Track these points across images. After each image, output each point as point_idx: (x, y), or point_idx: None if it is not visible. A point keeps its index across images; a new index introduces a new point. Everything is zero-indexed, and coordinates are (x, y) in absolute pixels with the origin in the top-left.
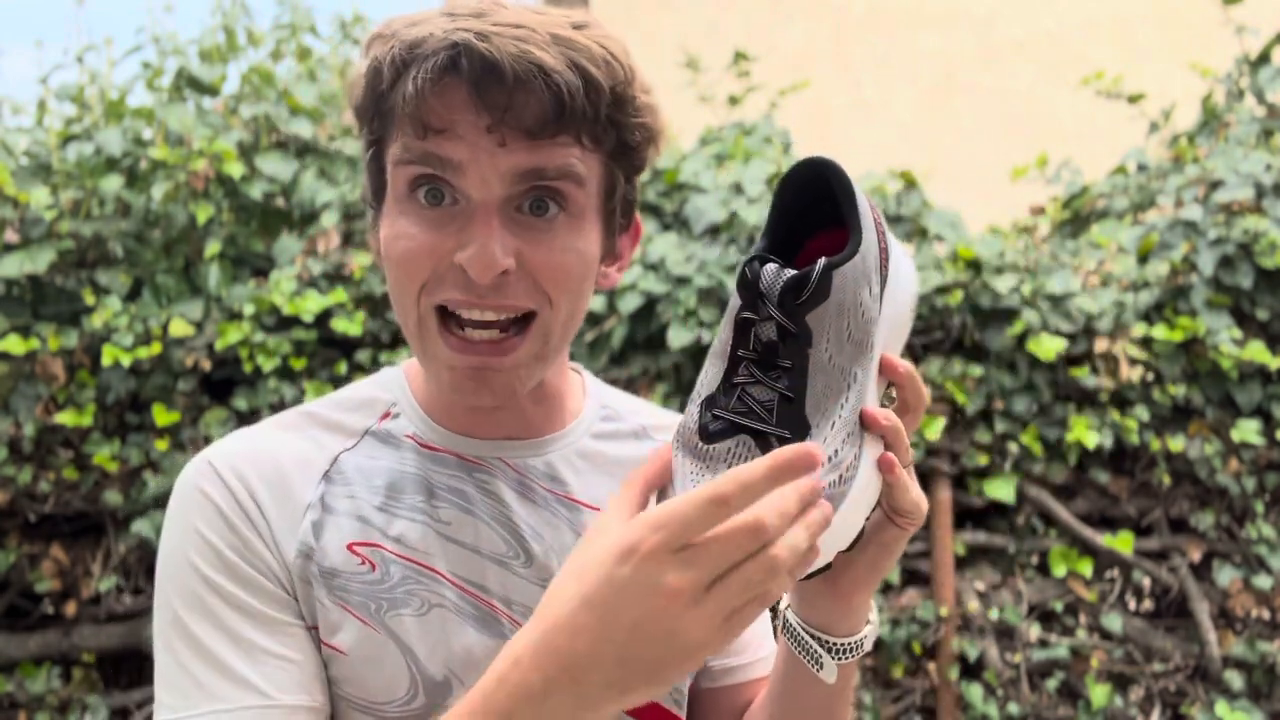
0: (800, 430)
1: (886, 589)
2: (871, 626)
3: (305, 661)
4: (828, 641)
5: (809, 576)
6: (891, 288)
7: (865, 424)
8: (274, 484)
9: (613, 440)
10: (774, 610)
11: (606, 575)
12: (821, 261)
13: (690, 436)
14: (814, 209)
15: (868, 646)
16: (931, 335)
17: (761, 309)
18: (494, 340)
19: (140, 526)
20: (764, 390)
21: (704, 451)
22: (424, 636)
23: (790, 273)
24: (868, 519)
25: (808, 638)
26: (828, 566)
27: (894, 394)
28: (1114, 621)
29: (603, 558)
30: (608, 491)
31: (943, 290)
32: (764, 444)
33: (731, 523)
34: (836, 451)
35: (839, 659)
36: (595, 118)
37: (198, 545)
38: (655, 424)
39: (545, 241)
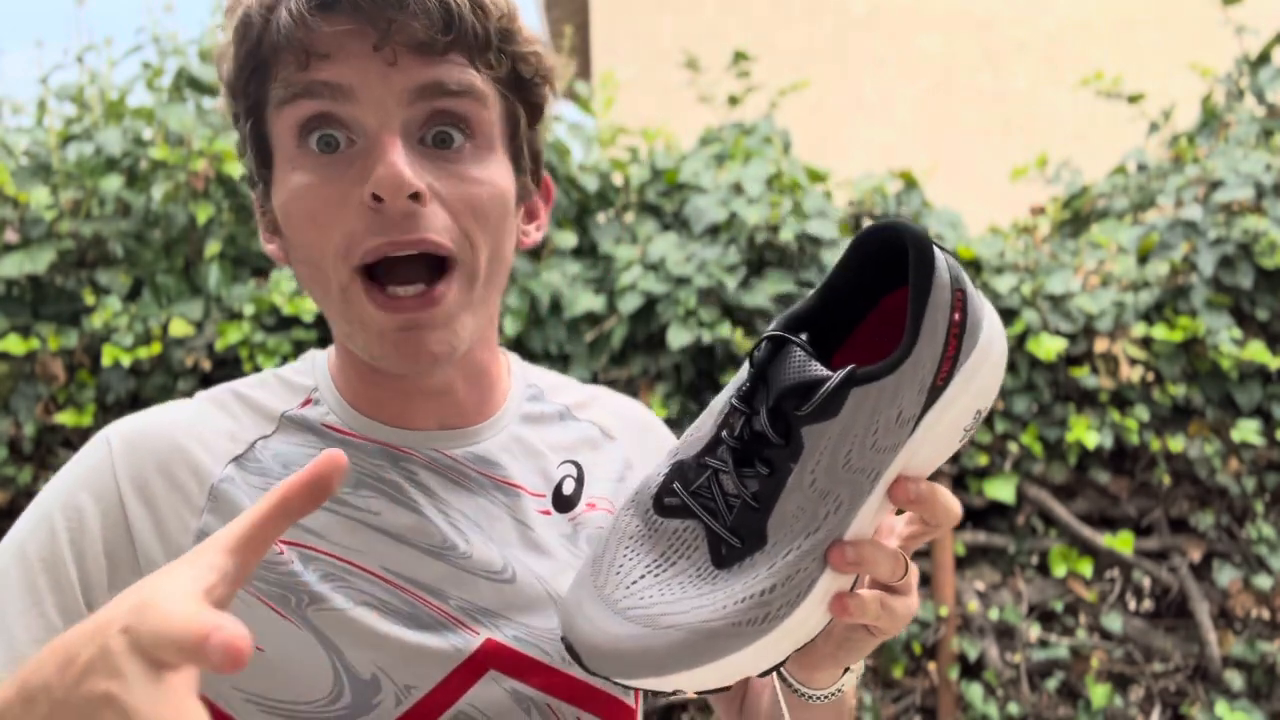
0: (755, 542)
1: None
2: (852, 675)
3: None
4: (798, 689)
5: (708, 692)
6: (942, 409)
7: (828, 559)
8: (171, 464)
9: (540, 423)
10: None
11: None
12: (840, 374)
13: (645, 498)
14: (895, 266)
15: (846, 688)
16: None
17: (758, 398)
18: (420, 294)
19: None
20: (733, 484)
21: (652, 521)
22: (350, 633)
23: (806, 370)
24: (798, 649)
25: (778, 678)
26: (727, 688)
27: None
28: (1114, 621)
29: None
30: (540, 475)
31: None
32: (713, 541)
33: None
34: (789, 578)
35: (811, 701)
36: (486, 40)
37: (56, 510)
38: (576, 401)
39: (455, 172)
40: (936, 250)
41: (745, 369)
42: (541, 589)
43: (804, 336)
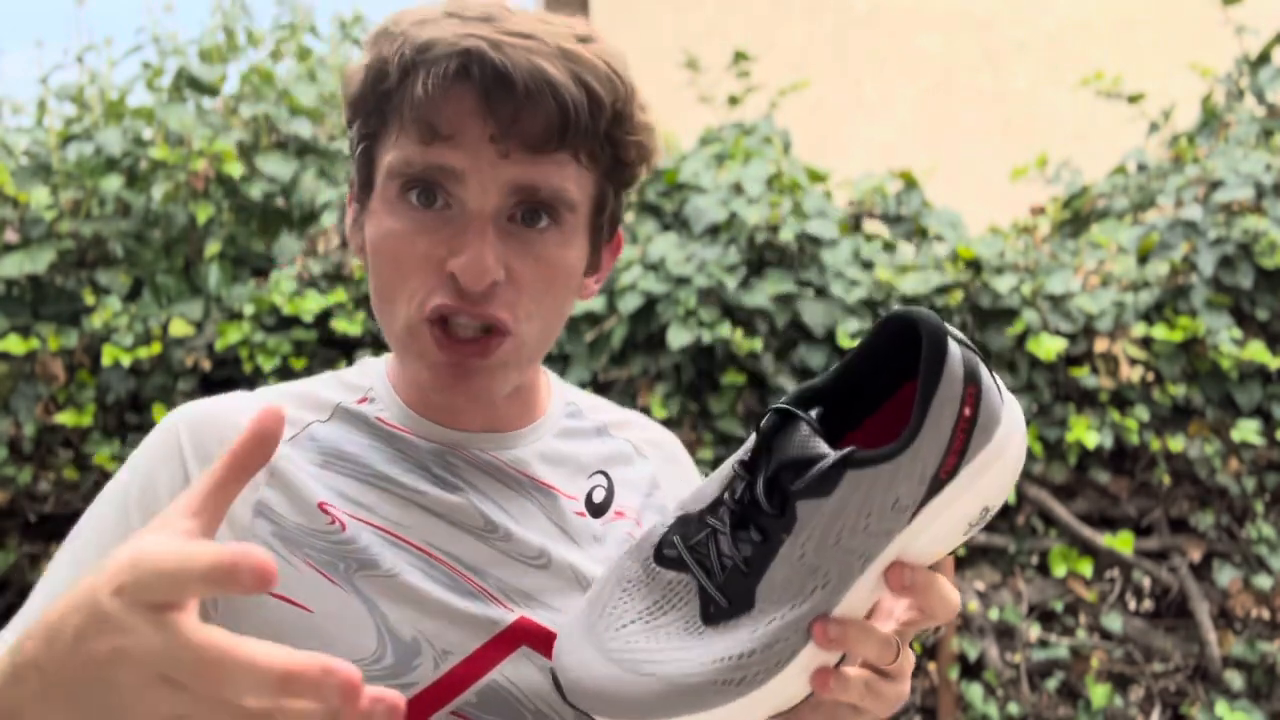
0: (742, 605)
1: None
2: None
3: None
4: None
5: None
6: (944, 503)
7: (811, 633)
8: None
9: (577, 437)
10: None
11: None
12: (838, 455)
13: (648, 546)
14: (915, 354)
15: None
16: None
17: (760, 467)
18: (476, 339)
19: None
20: (728, 545)
21: (651, 569)
22: (394, 596)
23: (807, 446)
24: (777, 714)
25: None
26: None
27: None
28: (1114, 621)
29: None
30: (574, 482)
31: (943, 290)
32: (704, 598)
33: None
34: (769, 645)
35: None
36: (595, 135)
37: (133, 487)
38: (613, 421)
39: (533, 253)
40: (951, 343)
41: (753, 437)
42: (574, 576)
43: (816, 413)
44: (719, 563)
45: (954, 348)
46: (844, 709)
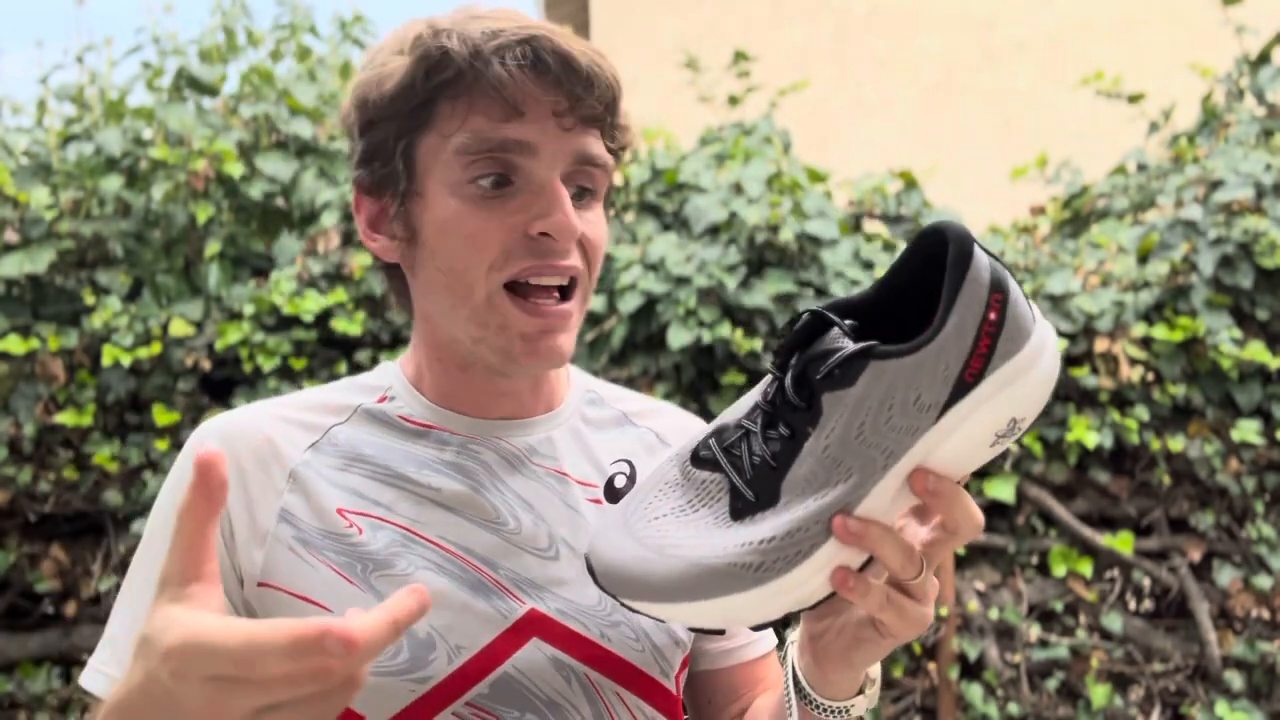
0: (768, 500)
1: None
2: (864, 699)
3: None
4: (807, 693)
5: (705, 632)
6: (970, 406)
7: (831, 526)
8: (261, 452)
9: (597, 425)
10: (780, 629)
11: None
12: (855, 345)
13: (687, 451)
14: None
15: (854, 714)
16: None
17: (788, 365)
18: (555, 306)
19: (140, 526)
20: (758, 445)
21: (687, 471)
22: None
23: (835, 342)
24: (792, 614)
25: (790, 677)
26: (721, 631)
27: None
28: (1114, 621)
29: (165, 644)
30: (593, 467)
31: None
32: (734, 495)
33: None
34: (790, 534)
35: (818, 712)
36: (617, 116)
37: (176, 503)
38: (637, 409)
39: (587, 219)
40: (978, 249)
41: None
42: (585, 565)
43: (849, 324)
44: (749, 461)
45: (981, 254)
46: (867, 628)
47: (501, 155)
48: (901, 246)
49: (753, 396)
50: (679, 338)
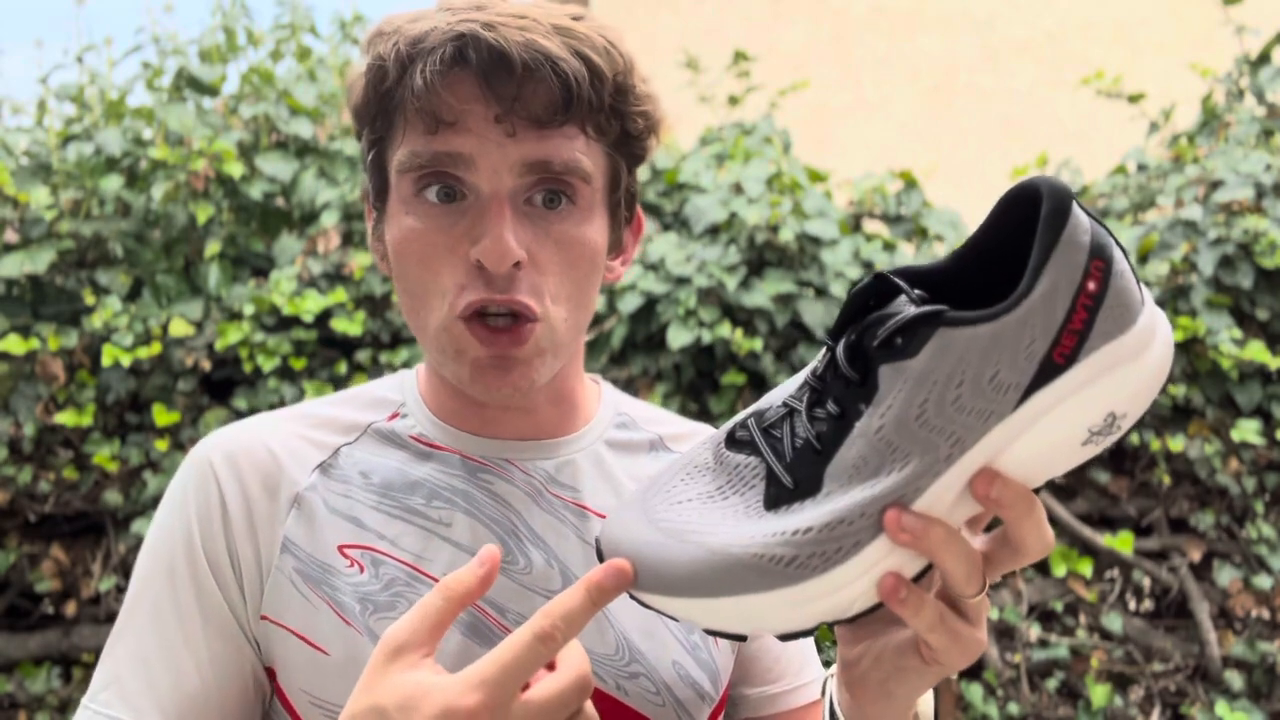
0: (809, 487)
1: None
2: None
3: (200, 693)
4: None
5: (727, 636)
6: (1059, 393)
7: (882, 522)
8: (268, 472)
9: (626, 450)
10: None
11: None
12: (926, 308)
13: (723, 433)
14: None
15: None
16: None
17: (844, 333)
18: (509, 329)
19: (140, 526)
20: (802, 426)
21: (721, 455)
22: None
23: (899, 307)
24: (827, 625)
25: (828, 714)
26: (743, 638)
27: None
28: (1114, 621)
29: (427, 712)
30: (616, 499)
31: None
32: (770, 481)
33: (559, 681)
34: (830, 525)
35: None
36: (600, 106)
37: (179, 527)
38: (673, 433)
39: (555, 234)
40: (1077, 207)
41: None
42: (599, 614)
43: (918, 293)
44: (791, 443)
45: (1081, 213)
46: (910, 655)
47: (439, 170)
48: (901, 247)
49: (804, 374)
50: (679, 338)
